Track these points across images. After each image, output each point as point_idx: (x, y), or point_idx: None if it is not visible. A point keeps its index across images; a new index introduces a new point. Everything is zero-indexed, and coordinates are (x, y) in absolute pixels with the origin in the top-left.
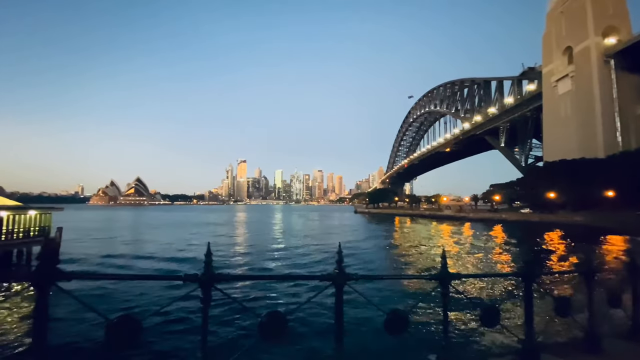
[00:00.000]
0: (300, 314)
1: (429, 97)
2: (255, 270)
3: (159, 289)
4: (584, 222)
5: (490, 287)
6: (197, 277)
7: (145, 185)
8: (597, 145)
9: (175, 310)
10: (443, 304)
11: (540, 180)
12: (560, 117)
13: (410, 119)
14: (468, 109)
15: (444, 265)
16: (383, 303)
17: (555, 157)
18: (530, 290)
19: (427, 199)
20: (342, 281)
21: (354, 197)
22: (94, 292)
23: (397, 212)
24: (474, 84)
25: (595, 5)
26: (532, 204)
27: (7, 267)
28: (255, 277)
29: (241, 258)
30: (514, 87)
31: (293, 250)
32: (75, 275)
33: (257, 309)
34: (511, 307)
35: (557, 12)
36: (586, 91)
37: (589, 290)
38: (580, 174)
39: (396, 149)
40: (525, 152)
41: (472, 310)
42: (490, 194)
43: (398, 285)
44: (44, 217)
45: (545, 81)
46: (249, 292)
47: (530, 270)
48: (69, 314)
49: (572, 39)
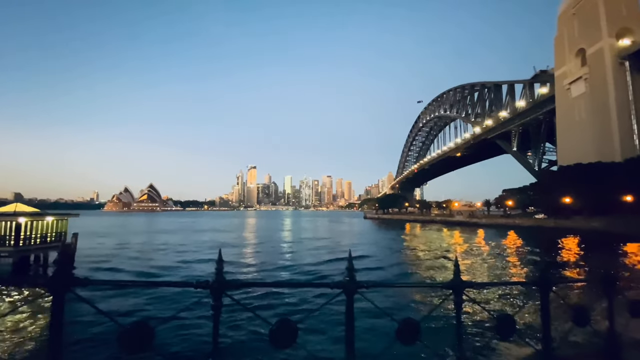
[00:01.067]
0: (311, 321)
1: (438, 101)
2: (265, 276)
3: (172, 295)
4: (601, 228)
5: (505, 296)
6: (209, 283)
7: (157, 191)
8: (613, 149)
9: (187, 316)
10: (456, 313)
11: (555, 185)
12: (575, 121)
13: (420, 123)
14: (478, 113)
15: (457, 273)
16: (395, 311)
17: (569, 161)
18: (547, 299)
19: (438, 204)
20: (353, 289)
21: (363, 202)
22: (109, 297)
23: (407, 218)
24: (484, 88)
25: (608, 6)
26: (546, 209)
27: (24, 271)
28: (266, 284)
29: (252, 264)
30: (526, 90)
31: (303, 256)
32: (91, 282)
33: (268, 316)
34: (527, 317)
35: (569, 14)
36: (601, 94)
37: (608, 299)
38: (597, 179)
39: (406, 154)
40: (538, 156)
41: (487, 319)
42: (503, 199)
43: (410, 293)
44: (60, 223)
45: (558, 84)
46: (260, 298)
47: (547, 279)
48: (84, 318)
49: (585, 41)
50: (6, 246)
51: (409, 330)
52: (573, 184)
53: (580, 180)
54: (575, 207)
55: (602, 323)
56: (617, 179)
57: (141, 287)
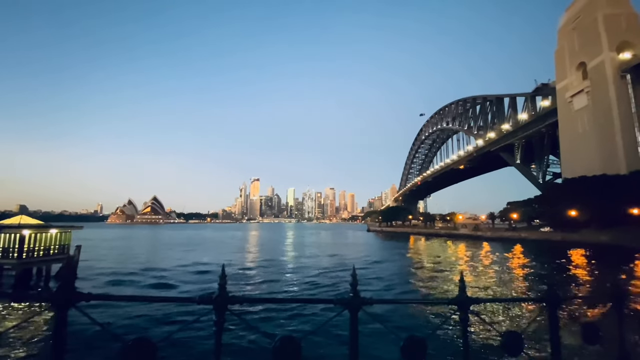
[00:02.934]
0: (315, 337)
1: (440, 114)
2: (268, 292)
3: (175, 310)
4: (609, 242)
5: (512, 312)
6: (212, 299)
7: (161, 204)
8: (618, 162)
9: (190, 331)
10: (462, 330)
11: (561, 198)
12: (578, 133)
13: (422, 136)
14: (481, 125)
15: (463, 288)
16: (400, 328)
17: (574, 173)
18: (555, 316)
19: (442, 217)
20: (357, 305)
21: (367, 215)
22: (111, 312)
23: (411, 231)
24: (486, 101)
25: (607, 21)
26: (552, 222)
27: (26, 285)
28: (269, 300)
29: (255, 279)
30: (528, 103)
31: (307, 271)
32: (93, 297)
33: (271, 332)
34: (536, 334)
35: (569, 28)
36: (603, 106)
37: (619, 316)
38: (603, 191)
39: (409, 167)
40: (542, 168)
41: (494, 336)
42: (508, 212)
43: (415, 310)
44: (64, 236)
45: (560, 97)
46: (263, 314)
47: (555, 295)
48: (87, 333)
49: (586, 55)
50: (9, 259)
51: (414, 348)
52: (579, 197)
53: (586, 193)
54: (582, 220)
55: (612, 341)
56: (624, 192)
57: (144, 302)
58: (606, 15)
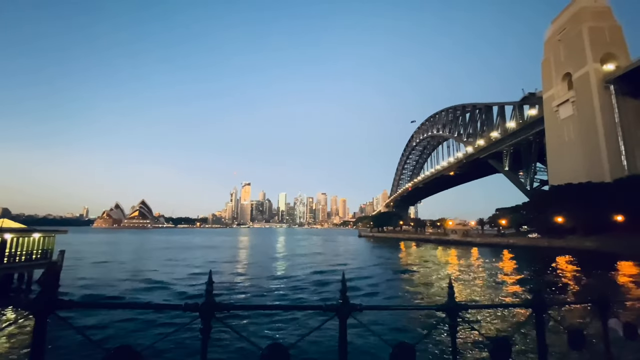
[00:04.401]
0: (303, 345)
1: (431, 121)
2: (256, 299)
3: (160, 317)
4: (594, 248)
5: (500, 318)
6: (198, 306)
7: (149, 208)
8: (602, 170)
9: (175, 339)
10: (451, 337)
11: (547, 205)
12: (564, 142)
13: (414, 142)
14: (470, 133)
15: (451, 295)
16: (389, 334)
17: (560, 181)
18: (542, 322)
19: (432, 222)
20: (346, 312)
21: (358, 220)
22: (94, 319)
23: (402, 237)
24: (476, 109)
25: (592, 33)
26: (539, 228)
27: (7, 291)
28: (257, 307)
29: (242, 286)
30: (516, 112)
31: (297, 278)
32: (75, 304)
33: (259, 339)
34: (523, 340)
35: (555, 40)
36: (588, 116)
37: (603, 321)
38: (588, 198)
39: (400, 172)
40: (530, 175)
41: (482, 342)
42: (497, 218)
43: (404, 316)
44: (47, 240)
45: (547, 106)
46: (251, 321)
47: (541, 301)
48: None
49: (571, 66)
50: None
51: (403, 355)
52: (564, 204)
53: (572, 200)
54: (568, 226)
55: (597, 346)
56: (608, 199)
57: (128, 308)
58: (591, 28)
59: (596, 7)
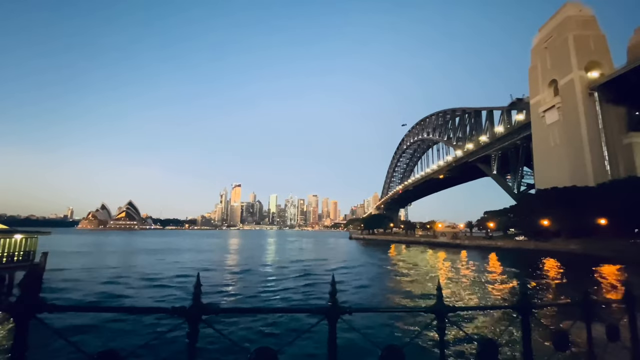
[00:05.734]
0: (292, 348)
1: (421, 125)
2: (245, 301)
3: (146, 321)
4: (579, 251)
5: (488, 320)
6: (185, 309)
7: (137, 209)
8: (587, 174)
9: (161, 343)
10: (439, 339)
11: (534, 208)
12: (550, 146)
13: (404, 146)
14: (460, 137)
15: (440, 297)
16: (378, 336)
17: (546, 184)
18: (527, 324)
19: (422, 225)
20: (336, 314)
21: (349, 222)
22: (77, 323)
23: (392, 239)
24: (465, 113)
25: (577, 41)
26: (526, 231)
27: None
28: (245, 310)
29: (231, 289)
30: (504, 116)
31: (287, 280)
32: (57, 308)
33: (247, 343)
34: (510, 341)
35: (542, 48)
36: (573, 122)
37: (587, 323)
38: (572, 202)
39: (391, 175)
40: (517, 179)
41: (470, 344)
42: (485, 220)
43: (394, 318)
44: (29, 241)
45: (533, 112)
46: (239, 324)
47: (527, 303)
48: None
49: (557, 73)
50: None
51: (392, 357)
52: (550, 207)
53: (557, 204)
54: (554, 229)
55: (581, 347)
56: (591, 203)
57: (112, 312)
58: (576, 36)
59: (581, 17)
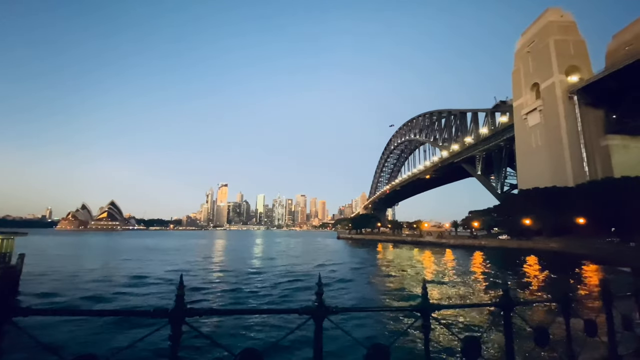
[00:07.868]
0: (278, 349)
1: (408, 126)
2: (231, 302)
3: (127, 324)
4: (559, 249)
5: (472, 317)
6: (167, 311)
7: (119, 209)
8: (566, 175)
9: (143, 347)
10: (425, 336)
11: (516, 208)
12: (532, 148)
13: (392, 146)
14: (446, 138)
15: (425, 296)
16: (364, 335)
17: (529, 185)
18: (509, 321)
19: (409, 225)
20: (322, 314)
21: (337, 222)
22: (55, 327)
23: (379, 238)
24: (451, 115)
25: (558, 46)
26: (509, 230)
27: None
28: (230, 311)
29: (217, 291)
30: (488, 118)
31: (274, 280)
32: (33, 311)
33: (232, 345)
34: (493, 338)
35: (524, 52)
36: (553, 124)
37: (566, 319)
38: (553, 202)
39: (378, 175)
40: (500, 180)
41: (454, 341)
42: (470, 220)
43: (380, 317)
44: (5, 243)
45: (516, 114)
46: (223, 326)
47: (509, 300)
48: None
49: (539, 76)
50: None
51: (378, 355)
52: (531, 207)
53: (538, 204)
54: (535, 228)
55: (561, 343)
56: (571, 203)
57: (91, 315)
58: (557, 41)
59: (562, 22)
